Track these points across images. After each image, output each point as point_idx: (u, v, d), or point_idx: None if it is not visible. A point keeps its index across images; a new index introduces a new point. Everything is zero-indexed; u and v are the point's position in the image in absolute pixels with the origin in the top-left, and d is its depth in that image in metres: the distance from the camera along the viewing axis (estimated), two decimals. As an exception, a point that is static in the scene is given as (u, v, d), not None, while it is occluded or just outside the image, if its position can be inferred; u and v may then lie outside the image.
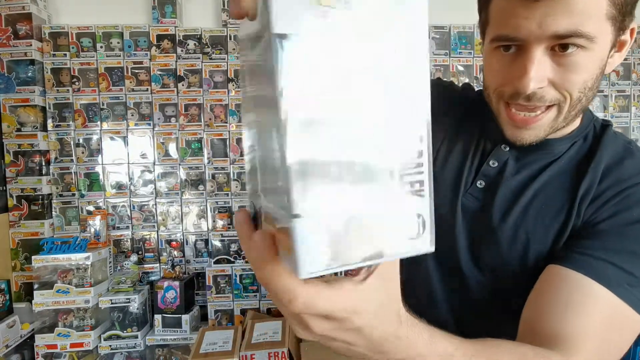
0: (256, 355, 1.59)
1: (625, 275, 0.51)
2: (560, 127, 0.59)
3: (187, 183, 2.16)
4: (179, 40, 2.11)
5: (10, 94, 2.01)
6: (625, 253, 0.52)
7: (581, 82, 0.53)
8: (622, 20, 0.51)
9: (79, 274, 1.87)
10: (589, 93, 0.55)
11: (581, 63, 0.51)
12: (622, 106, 2.31)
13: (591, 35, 0.49)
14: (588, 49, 0.50)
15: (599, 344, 0.51)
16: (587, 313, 0.50)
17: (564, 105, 0.55)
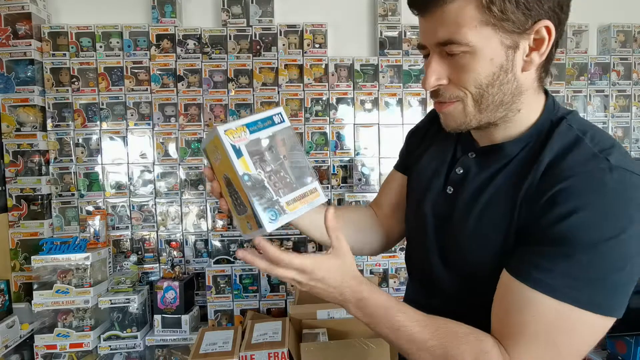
0: (256, 355, 1.58)
1: (562, 279, 0.54)
2: (483, 122, 0.64)
3: (187, 183, 2.16)
4: (179, 40, 2.11)
5: (9, 94, 2.00)
6: (560, 256, 0.55)
7: (472, 80, 0.60)
8: (517, 23, 0.56)
9: (79, 274, 1.87)
10: (491, 89, 0.60)
11: (468, 64, 0.59)
12: (622, 106, 2.30)
13: (466, 41, 0.57)
14: (472, 52, 0.58)
15: (542, 345, 0.55)
16: (524, 316, 0.56)
17: (466, 100, 0.62)
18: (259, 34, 2.14)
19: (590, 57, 2.26)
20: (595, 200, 0.54)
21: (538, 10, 0.56)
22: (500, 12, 0.55)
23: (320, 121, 2.17)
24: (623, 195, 0.54)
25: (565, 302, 0.55)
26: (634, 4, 2.35)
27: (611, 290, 0.56)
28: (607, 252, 0.54)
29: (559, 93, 2.24)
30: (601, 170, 0.55)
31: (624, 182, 0.55)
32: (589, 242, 0.54)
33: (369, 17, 2.26)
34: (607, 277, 0.55)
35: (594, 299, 0.55)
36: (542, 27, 0.57)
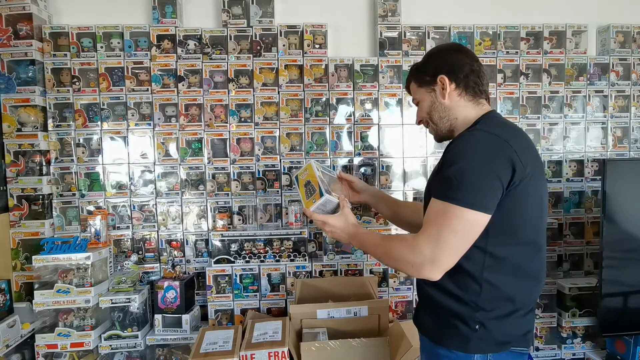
0: (256, 355, 1.59)
1: (437, 186, 1.02)
2: (445, 130, 1.16)
3: (187, 183, 2.16)
4: (179, 41, 2.12)
5: (10, 94, 2.01)
6: (437, 176, 1.03)
7: (423, 112, 1.19)
8: (428, 83, 1.15)
9: (80, 274, 1.88)
10: (435, 112, 1.16)
11: (420, 106, 1.20)
12: (621, 106, 2.31)
13: (415, 96, 1.22)
14: (419, 99, 1.20)
15: (433, 227, 0.98)
16: (427, 214, 1.02)
17: (429, 122, 1.19)
18: (259, 35, 2.15)
19: (590, 57, 2.27)
20: (459, 146, 1.01)
21: (433, 74, 1.13)
22: (420, 81, 1.18)
23: (320, 121, 2.18)
24: (475, 142, 0.99)
25: (445, 202, 0.97)
26: (633, 5, 2.36)
27: (466, 190, 0.95)
28: (459, 168, 0.96)
29: (558, 93, 2.25)
30: (468, 134, 1.04)
31: (477, 137, 1.01)
32: (452, 165, 0.97)
33: (369, 17, 2.27)
34: (463, 183, 0.95)
35: (460, 197, 0.95)
36: (439, 78, 1.12)
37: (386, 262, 1.11)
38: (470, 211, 0.94)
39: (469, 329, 1.03)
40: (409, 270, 1.02)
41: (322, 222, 1.22)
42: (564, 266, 2.22)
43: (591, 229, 2.24)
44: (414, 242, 1.00)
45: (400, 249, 1.03)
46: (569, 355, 2.12)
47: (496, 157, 0.96)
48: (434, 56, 1.17)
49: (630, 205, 1.89)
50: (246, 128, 2.16)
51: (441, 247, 0.96)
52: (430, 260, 0.97)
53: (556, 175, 2.28)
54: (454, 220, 0.95)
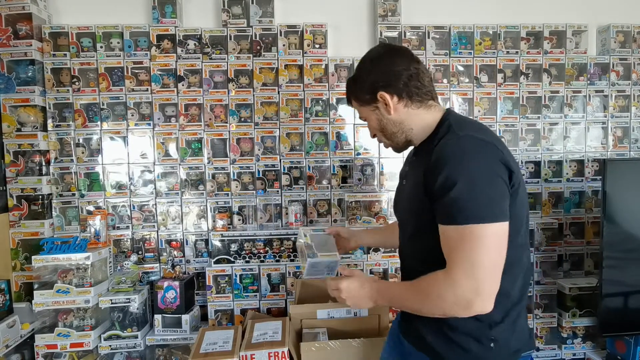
0: (256, 355, 1.58)
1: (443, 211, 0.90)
2: (401, 142, 1.11)
3: (187, 183, 2.16)
4: (179, 40, 2.12)
5: (10, 94, 2.01)
6: (439, 201, 0.90)
7: (372, 129, 1.14)
8: (368, 101, 1.08)
9: (79, 274, 1.88)
10: (383, 130, 1.10)
11: (368, 124, 1.15)
12: (622, 106, 2.31)
13: (360, 114, 1.16)
14: (365, 117, 1.14)
15: (466, 257, 0.86)
16: (445, 244, 0.90)
17: (382, 137, 1.14)
18: (259, 35, 2.14)
19: (590, 57, 2.27)
20: (451, 159, 0.89)
21: (372, 92, 1.05)
22: (360, 100, 1.11)
23: (320, 121, 2.17)
24: (464, 150, 0.90)
25: (462, 225, 0.86)
26: (633, 5, 2.36)
27: (480, 205, 0.86)
28: (461, 187, 0.86)
29: (558, 93, 2.25)
30: (452, 140, 0.93)
31: (464, 143, 0.91)
32: (453, 186, 0.87)
33: (369, 17, 2.27)
34: (474, 198, 0.86)
35: (477, 214, 0.85)
36: (379, 95, 1.05)
37: (425, 311, 0.94)
38: (491, 225, 0.85)
39: (483, 347, 0.95)
40: (455, 311, 0.88)
41: (335, 289, 1.10)
42: (564, 266, 2.22)
43: (591, 229, 2.24)
44: (449, 278, 0.87)
45: (437, 291, 0.89)
46: (569, 356, 2.12)
47: (493, 161, 0.89)
48: (366, 68, 1.06)
49: (630, 205, 1.89)
50: (246, 128, 2.16)
51: (480, 273, 0.85)
52: (475, 291, 0.85)
53: (556, 175, 2.27)
54: (480, 241, 0.85)
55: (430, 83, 1.07)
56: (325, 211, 2.20)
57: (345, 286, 1.07)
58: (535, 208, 2.27)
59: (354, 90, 1.11)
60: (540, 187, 2.25)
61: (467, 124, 1.00)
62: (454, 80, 2.21)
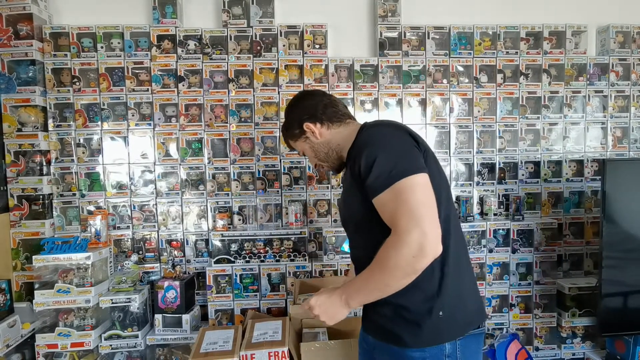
0: (256, 354, 1.59)
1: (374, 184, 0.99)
2: (334, 160, 1.24)
3: (188, 183, 2.17)
4: (180, 41, 2.12)
5: (11, 94, 2.01)
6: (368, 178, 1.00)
7: (311, 158, 1.28)
8: (296, 136, 1.25)
9: (80, 274, 1.88)
10: (320, 153, 1.24)
11: (307, 155, 1.28)
12: (621, 106, 2.31)
13: (297, 150, 1.30)
14: (302, 151, 1.28)
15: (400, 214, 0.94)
16: (386, 213, 0.98)
17: (320, 163, 1.27)
18: (260, 35, 2.15)
19: (589, 57, 2.27)
20: (366, 143, 1.04)
21: (299, 126, 1.22)
22: (292, 137, 1.27)
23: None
24: (374, 132, 1.07)
25: (393, 184, 0.96)
26: (632, 5, 2.36)
27: (400, 164, 0.98)
28: (381, 158, 0.99)
29: (557, 93, 2.25)
30: (364, 132, 1.10)
31: (374, 129, 1.09)
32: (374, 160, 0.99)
33: (369, 18, 2.27)
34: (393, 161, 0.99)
35: (400, 172, 0.96)
36: (305, 126, 1.21)
37: (393, 282, 0.98)
38: (414, 176, 0.96)
39: (433, 319, 1.02)
40: (414, 262, 0.93)
41: (308, 309, 1.10)
42: (563, 266, 2.22)
43: (591, 229, 2.25)
44: (396, 235, 0.94)
45: (392, 253, 0.94)
46: (569, 355, 2.12)
47: (400, 132, 1.05)
48: (291, 112, 1.26)
49: (630, 205, 1.89)
50: (246, 128, 2.16)
51: (420, 218, 0.92)
52: (423, 234, 0.91)
53: (556, 175, 2.28)
54: (410, 190, 0.94)
55: (344, 108, 1.26)
56: (325, 211, 2.21)
57: (314, 302, 1.08)
58: (534, 208, 2.27)
59: (286, 132, 1.28)
60: (540, 187, 2.25)
61: (378, 121, 1.19)
62: (454, 80, 2.22)
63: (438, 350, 1.03)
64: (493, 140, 2.26)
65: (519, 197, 2.22)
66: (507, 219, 2.19)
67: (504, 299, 2.17)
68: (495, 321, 2.16)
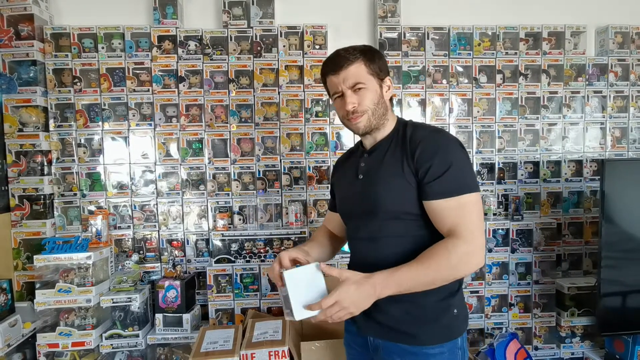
0: (256, 354, 1.59)
1: (444, 186, 1.03)
2: (376, 125, 1.14)
3: (188, 183, 2.17)
4: (180, 41, 2.13)
5: (12, 95, 2.02)
6: (438, 179, 1.03)
7: (369, 101, 1.11)
8: (378, 75, 1.12)
9: (81, 274, 1.89)
10: (378, 106, 1.12)
11: (366, 95, 1.11)
12: (620, 107, 2.32)
13: (363, 80, 1.10)
14: (365, 88, 1.11)
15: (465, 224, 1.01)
16: (447, 216, 1.03)
17: (368, 113, 1.12)
18: (260, 35, 2.16)
19: (588, 58, 2.28)
20: (440, 147, 1.06)
21: (385, 70, 1.15)
22: (373, 69, 1.12)
23: (320, 122, 2.19)
24: (449, 142, 1.08)
25: (461, 195, 1.02)
26: (632, 5, 2.37)
27: (471, 179, 1.06)
28: (455, 167, 1.04)
29: (557, 94, 2.26)
30: (437, 135, 1.11)
31: (448, 138, 1.10)
32: (449, 166, 1.03)
33: (369, 18, 2.28)
34: (466, 174, 1.05)
35: (470, 185, 1.04)
36: (388, 79, 1.16)
37: (438, 282, 1.02)
38: (478, 193, 1.06)
39: (450, 316, 1.09)
40: (466, 269, 1.03)
41: (331, 307, 0.96)
42: (562, 266, 2.23)
43: (590, 228, 2.25)
44: (459, 242, 1.00)
45: (451, 257, 0.99)
46: (568, 355, 2.13)
47: (463, 148, 1.11)
48: (379, 54, 1.16)
49: (628, 205, 1.90)
50: (246, 128, 2.17)
51: (480, 232, 1.03)
52: (480, 247, 1.03)
53: (555, 175, 2.29)
54: (475, 206, 1.04)
55: None
56: (325, 211, 2.21)
57: (343, 296, 0.95)
58: (534, 208, 2.28)
59: (370, 58, 1.12)
60: (539, 187, 2.26)
61: (426, 125, 1.21)
62: (453, 80, 2.23)
63: (453, 345, 1.09)
64: (492, 140, 2.27)
65: (518, 197, 2.23)
66: (506, 219, 2.20)
67: (503, 298, 2.18)
68: (495, 321, 2.17)
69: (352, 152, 1.31)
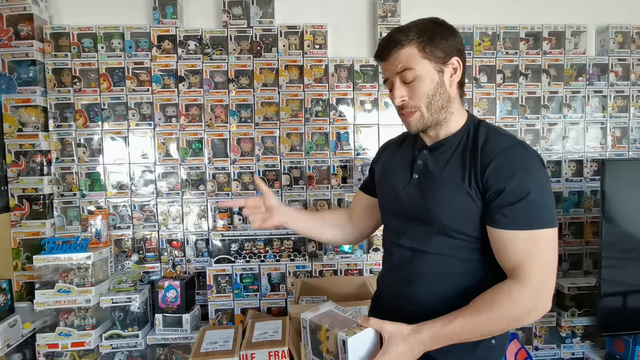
0: (256, 354, 1.59)
1: (517, 217, 0.87)
2: (433, 122, 0.95)
3: (188, 183, 2.17)
4: (180, 41, 2.12)
5: (11, 95, 2.01)
6: (511, 206, 0.87)
7: (423, 94, 0.92)
8: (441, 57, 0.92)
9: (80, 274, 1.88)
10: (435, 98, 0.93)
11: (418, 85, 0.92)
12: (620, 106, 2.31)
13: (414, 66, 0.91)
14: (419, 77, 0.91)
15: (534, 265, 0.86)
16: (514, 251, 0.87)
17: (422, 109, 0.94)
18: (260, 35, 2.15)
19: (589, 57, 2.28)
20: (521, 166, 0.88)
21: (451, 50, 0.93)
22: (430, 52, 0.91)
23: (320, 121, 2.18)
24: (532, 160, 0.89)
25: (535, 229, 0.86)
26: (632, 5, 2.37)
27: (550, 211, 0.89)
28: (535, 194, 0.86)
29: (557, 94, 2.26)
30: (517, 149, 0.90)
31: (530, 154, 0.90)
32: (527, 192, 0.86)
33: (369, 18, 2.28)
34: (545, 205, 0.88)
35: (549, 219, 0.87)
36: (455, 60, 0.94)
37: (497, 331, 0.90)
38: (554, 229, 0.89)
39: (486, 345, 0.96)
40: (531, 318, 0.88)
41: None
42: (563, 266, 2.23)
43: (590, 228, 2.25)
44: (527, 286, 0.86)
45: (517, 305, 0.86)
46: (568, 355, 2.13)
47: (546, 170, 0.94)
48: (445, 29, 0.96)
49: (629, 205, 1.90)
50: (246, 128, 2.17)
51: (552, 275, 0.89)
52: (549, 292, 0.88)
53: (555, 175, 2.28)
54: (549, 243, 0.88)
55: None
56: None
57: (392, 358, 0.85)
58: (534, 208, 2.27)
59: (425, 39, 0.92)
60: (540, 187, 2.25)
61: (505, 130, 0.99)
62: (454, 80, 2.22)
63: None
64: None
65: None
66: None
67: (503, 298, 2.17)
68: (495, 321, 2.16)
69: (408, 138, 1.10)
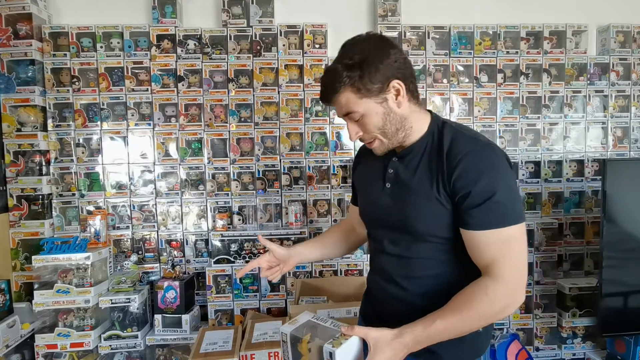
0: (256, 355, 1.59)
1: (485, 217, 0.89)
2: (396, 142, 0.99)
3: (187, 183, 2.16)
4: (179, 40, 2.12)
5: (10, 94, 2.01)
6: (478, 207, 0.89)
7: (374, 128, 0.96)
8: (378, 89, 0.91)
9: (79, 274, 1.88)
10: (388, 126, 0.96)
11: (366, 121, 0.95)
12: (621, 106, 2.31)
13: (355, 109, 0.94)
14: (364, 116, 0.94)
15: (507, 263, 0.89)
16: (486, 250, 0.90)
17: (379, 137, 0.98)
18: (259, 35, 2.14)
19: (590, 57, 2.27)
20: (487, 167, 0.90)
21: (387, 75, 0.91)
22: (366, 90, 0.91)
23: (320, 121, 2.18)
24: (497, 161, 0.91)
25: (505, 227, 0.89)
26: (633, 5, 2.36)
27: (517, 208, 0.91)
28: (501, 194, 0.88)
29: (558, 93, 2.25)
30: (482, 152, 0.92)
31: (496, 154, 0.92)
32: (494, 192, 0.88)
33: (369, 17, 2.27)
34: (512, 202, 0.91)
35: (517, 216, 0.90)
36: (394, 83, 0.92)
37: (475, 328, 0.92)
38: (522, 224, 0.91)
39: (475, 334, 0.96)
40: (506, 313, 0.92)
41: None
42: (564, 266, 2.22)
43: (591, 228, 2.24)
44: (501, 283, 0.88)
45: (493, 302, 0.88)
46: (569, 355, 2.12)
47: (510, 167, 0.95)
48: (374, 55, 0.91)
49: (630, 205, 1.89)
50: (246, 128, 2.16)
51: (524, 270, 0.92)
52: (522, 287, 0.91)
53: (556, 175, 2.28)
54: (520, 239, 0.91)
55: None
56: (325, 211, 2.21)
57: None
58: (535, 208, 2.27)
59: (355, 80, 0.90)
60: (540, 187, 2.25)
61: (468, 128, 1.01)
62: (454, 80, 2.22)
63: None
64: (493, 140, 2.25)
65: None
66: (507, 219, 2.19)
67: (504, 299, 2.17)
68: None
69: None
